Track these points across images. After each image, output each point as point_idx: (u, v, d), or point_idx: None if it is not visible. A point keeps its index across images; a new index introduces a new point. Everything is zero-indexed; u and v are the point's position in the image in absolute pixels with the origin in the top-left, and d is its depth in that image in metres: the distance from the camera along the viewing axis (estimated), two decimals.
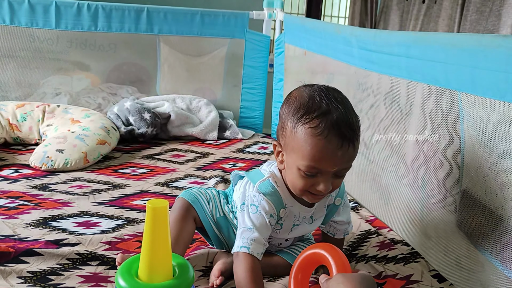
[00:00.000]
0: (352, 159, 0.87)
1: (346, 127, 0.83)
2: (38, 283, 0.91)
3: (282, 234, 0.98)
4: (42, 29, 2.02)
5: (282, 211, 0.93)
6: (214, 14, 2.22)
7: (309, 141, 0.83)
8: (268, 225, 0.91)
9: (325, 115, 0.83)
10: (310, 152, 0.83)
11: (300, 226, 0.98)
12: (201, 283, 0.96)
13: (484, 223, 0.92)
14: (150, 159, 1.77)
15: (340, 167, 0.85)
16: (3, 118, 1.80)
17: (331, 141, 0.82)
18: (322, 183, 0.85)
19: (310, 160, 0.83)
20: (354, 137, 0.84)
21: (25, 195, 1.35)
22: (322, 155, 0.83)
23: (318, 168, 0.84)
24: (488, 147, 0.89)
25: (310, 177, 0.85)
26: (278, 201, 0.93)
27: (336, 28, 1.59)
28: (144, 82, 2.27)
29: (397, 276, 1.03)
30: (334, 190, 0.90)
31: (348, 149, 0.83)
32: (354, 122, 0.86)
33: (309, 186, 0.87)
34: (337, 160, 0.83)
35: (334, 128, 0.82)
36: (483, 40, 0.88)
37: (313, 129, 0.83)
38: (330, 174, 0.85)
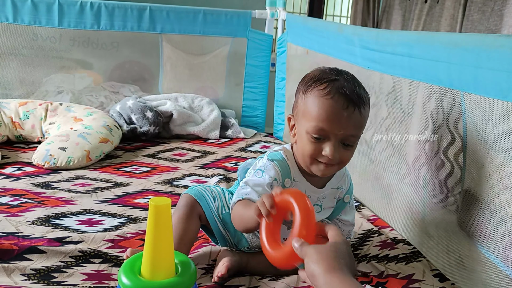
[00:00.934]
0: (359, 128, 0.89)
1: (353, 92, 0.87)
2: (42, 280, 0.92)
3: None
4: (45, 27, 2.02)
5: (287, 180, 0.94)
6: (216, 13, 2.22)
7: (317, 101, 0.88)
8: (269, 190, 0.91)
9: (333, 81, 0.89)
10: (317, 112, 0.87)
11: None
12: (203, 281, 0.96)
13: (486, 222, 0.92)
14: (153, 158, 1.77)
15: (346, 132, 0.87)
16: (6, 116, 1.81)
17: (338, 101, 0.86)
18: (328, 147, 0.87)
19: (317, 121, 0.87)
20: (360, 103, 0.88)
21: (28, 193, 1.35)
22: (328, 114, 0.86)
23: (325, 129, 0.87)
24: (490, 147, 0.89)
25: (317, 141, 0.88)
26: (286, 171, 0.95)
27: (338, 27, 1.59)
28: (147, 80, 2.27)
29: (399, 276, 1.03)
30: (342, 163, 0.91)
31: (354, 112, 0.87)
32: (362, 93, 0.90)
33: (316, 152, 0.89)
34: (343, 121, 0.86)
35: (341, 91, 0.87)
36: (486, 40, 0.88)
37: (321, 91, 0.88)
38: (337, 139, 0.88)
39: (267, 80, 2.35)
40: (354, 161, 1.50)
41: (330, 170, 0.93)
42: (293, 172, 0.96)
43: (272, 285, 0.95)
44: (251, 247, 1.04)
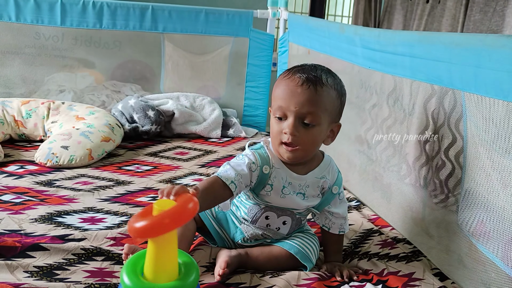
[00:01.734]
0: (315, 104, 0.93)
1: (310, 73, 0.94)
2: (44, 277, 0.92)
3: (274, 198, 1.00)
4: (48, 26, 2.03)
5: (266, 167, 0.98)
6: (218, 13, 2.23)
7: (278, 85, 0.97)
8: (246, 171, 0.95)
9: (297, 67, 0.98)
10: (278, 92, 0.96)
11: (291, 196, 1.00)
12: (205, 279, 0.97)
13: (486, 222, 0.92)
14: (154, 157, 1.78)
15: (301, 108, 0.92)
16: (9, 114, 1.82)
17: (293, 80, 0.94)
18: (286, 123, 0.93)
19: (277, 100, 0.95)
20: (316, 81, 0.93)
21: (30, 191, 1.36)
22: (284, 92, 0.94)
23: (282, 106, 0.93)
24: (491, 147, 0.90)
25: (280, 121, 0.95)
26: (264, 158, 1.00)
27: (340, 27, 1.60)
28: (148, 79, 2.28)
29: (399, 274, 1.04)
30: (306, 145, 0.95)
31: (309, 89, 0.93)
32: (322, 76, 0.95)
33: (279, 132, 0.95)
34: (296, 97, 0.92)
35: (298, 72, 0.95)
36: (487, 40, 0.88)
37: (283, 76, 0.97)
38: (295, 117, 0.93)
39: (268, 79, 2.36)
40: (355, 160, 1.51)
41: (296, 153, 0.96)
42: (273, 160, 1.00)
43: (272, 282, 0.96)
44: (246, 238, 1.06)
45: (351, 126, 1.54)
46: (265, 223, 1.04)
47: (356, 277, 1.01)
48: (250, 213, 1.04)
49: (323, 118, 0.94)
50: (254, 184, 0.99)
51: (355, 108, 1.51)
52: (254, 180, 0.98)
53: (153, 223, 0.67)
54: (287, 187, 1.00)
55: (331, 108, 0.96)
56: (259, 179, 0.98)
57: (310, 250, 1.04)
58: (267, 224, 1.04)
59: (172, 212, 0.69)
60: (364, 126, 1.45)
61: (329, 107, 0.95)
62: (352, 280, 1.00)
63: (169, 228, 0.68)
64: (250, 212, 1.04)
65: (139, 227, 0.67)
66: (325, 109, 0.94)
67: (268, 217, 1.03)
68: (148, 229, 0.67)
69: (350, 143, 1.55)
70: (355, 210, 1.38)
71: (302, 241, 1.05)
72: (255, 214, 1.03)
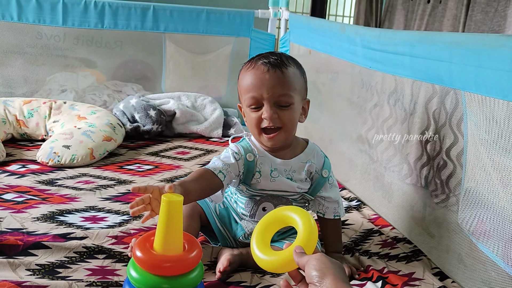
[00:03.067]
0: (285, 86, 0.97)
1: (271, 58, 0.98)
2: (46, 275, 0.93)
3: (264, 183, 1.03)
4: (49, 26, 2.04)
5: (250, 155, 1.02)
6: (219, 13, 2.23)
7: (244, 76, 0.99)
8: (233, 161, 1.00)
9: (255, 57, 1.01)
10: (246, 84, 0.98)
11: (280, 179, 1.03)
12: (207, 277, 0.97)
13: (486, 221, 0.93)
14: (155, 156, 1.78)
15: (274, 92, 0.96)
16: (11, 114, 1.82)
17: (258, 68, 0.97)
18: (265, 111, 0.96)
19: (248, 91, 0.98)
20: (281, 65, 0.97)
21: (32, 189, 1.36)
22: (253, 82, 0.97)
23: (256, 96, 0.97)
24: (492, 146, 0.90)
25: (256, 109, 0.98)
26: (247, 148, 1.04)
27: (341, 27, 1.60)
28: (150, 79, 2.29)
29: (399, 273, 1.04)
30: (286, 126, 0.98)
31: (275, 73, 0.96)
32: (283, 59, 0.99)
33: (259, 120, 0.98)
34: (266, 83, 0.96)
35: (259, 60, 0.99)
36: (488, 39, 0.89)
37: (245, 67, 1.00)
38: (270, 102, 0.96)
39: None
40: (356, 160, 1.52)
41: (278, 137, 0.99)
42: (256, 150, 1.04)
43: (273, 282, 0.96)
44: (247, 234, 1.06)
45: (352, 126, 1.54)
46: (263, 215, 1.03)
47: (358, 275, 1.01)
48: (247, 207, 1.05)
49: (295, 97, 0.99)
50: (243, 174, 1.02)
51: (356, 108, 1.52)
52: (242, 169, 1.02)
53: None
54: (275, 171, 1.03)
55: (299, 87, 1.01)
56: (246, 167, 1.02)
57: None
58: (265, 209, 1.05)
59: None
60: (365, 126, 1.46)
61: (298, 86, 1.00)
62: (354, 278, 1.00)
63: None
64: (247, 207, 1.05)
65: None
66: (295, 88, 0.99)
67: (265, 208, 1.04)
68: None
69: (352, 143, 1.55)
70: (356, 210, 1.39)
71: None
72: (252, 208, 1.05)
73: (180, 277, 0.79)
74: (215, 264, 1.02)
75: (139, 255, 0.78)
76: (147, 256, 0.77)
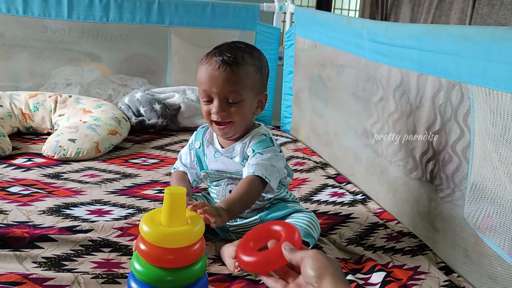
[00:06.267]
0: (234, 85, 1.00)
1: (226, 55, 1.00)
2: (52, 268, 0.93)
3: (210, 163, 1.10)
4: (55, 19, 2.04)
5: (197, 143, 1.12)
6: (225, 6, 2.22)
7: (199, 70, 1.03)
8: (189, 155, 1.14)
9: (214, 50, 1.03)
10: (199, 77, 1.02)
11: (222, 158, 1.09)
12: (211, 271, 0.98)
13: (492, 216, 0.92)
14: (161, 150, 1.79)
15: (223, 89, 0.99)
16: (16, 107, 1.83)
17: (211, 64, 1.01)
18: (213, 105, 1.01)
19: (200, 84, 1.02)
20: (232, 63, 0.99)
21: (38, 183, 1.37)
22: (205, 76, 1.01)
23: (206, 90, 1.01)
24: (499, 140, 0.89)
25: (207, 103, 1.03)
26: (200, 135, 1.13)
27: (347, 20, 1.59)
28: (155, 73, 2.29)
29: (405, 267, 1.04)
30: (235, 120, 1.02)
31: (225, 71, 0.99)
32: (238, 55, 1.01)
33: (208, 113, 1.03)
34: (215, 79, 0.99)
35: (214, 55, 1.01)
36: (496, 32, 0.88)
37: (203, 61, 1.03)
38: (219, 98, 1.00)
39: (274, 73, 2.35)
40: (361, 154, 1.51)
41: (228, 129, 1.04)
42: (209, 136, 1.11)
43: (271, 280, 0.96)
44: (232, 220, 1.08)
45: (358, 120, 1.53)
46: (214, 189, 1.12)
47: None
48: (219, 195, 1.11)
49: (245, 94, 1.02)
50: (197, 161, 1.12)
51: (361, 102, 1.51)
52: (194, 157, 1.13)
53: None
54: (217, 153, 1.09)
55: (252, 84, 1.03)
56: (195, 154, 1.13)
57: (309, 226, 1.05)
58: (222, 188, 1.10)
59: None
60: (370, 120, 1.45)
61: (249, 83, 1.02)
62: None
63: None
64: (218, 195, 1.11)
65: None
66: (245, 86, 1.01)
67: (232, 191, 1.08)
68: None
69: (357, 137, 1.55)
70: (361, 203, 1.38)
71: (299, 219, 1.07)
72: (222, 194, 1.10)
73: (184, 269, 0.79)
74: (219, 258, 1.03)
75: (142, 247, 0.78)
76: (150, 249, 0.77)
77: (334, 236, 1.17)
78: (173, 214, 0.78)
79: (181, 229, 0.79)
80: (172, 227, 0.78)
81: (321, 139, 1.85)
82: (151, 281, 0.78)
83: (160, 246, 0.77)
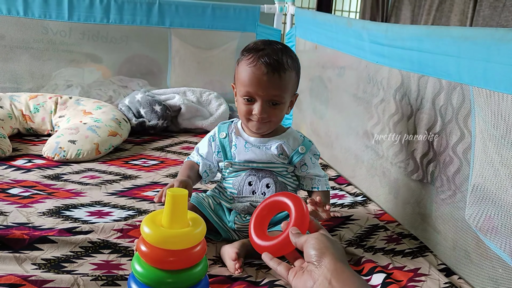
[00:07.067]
0: (280, 89, 1.05)
1: (273, 59, 1.03)
2: (52, 269, 0.93)
3: (240, 153, 1.11)
4: (55, 21, 2.04)
5: (222, 133, 1.15)
6: (225, 8, 2.23)
7: (244, 70, 1.05)
8: (209, 147, 1.16)
9: (258, 51, 1.05)
10: (245, 78, 1.04)
11: (254, 149, 1.11)
12: (212, 272, 0.97)
13: (494, 217, 0.92)
14: (161, 151, 1.79)
15: (268, 93, 1.04)
16: (17, 109, 1.83)
17: (259, 68, 1.03)
18: (256, 107, 1.05)
19: (245, 86, 1.05)
20: (280, 68, 1.03)
21: (38, 184, 1.37)
22: (252, 80, 1.03)
23: (251, 92, 1.04)
24: (500, 142, 0.89)
25: (248, 102, 1.06)
26: (224, 127, 1.16)
27: (347, 22, 1.59)
28: (155, 74, 2.29)
29: (405, 269, 1.03)
30: (273, 120, 1.08)
31: (273, 76, 1.03)
32: (283, 60, 1.04)
33: (248, 112, 1.07)
34: (263, 84, 1.03)
35: (262, 59, 1.03)
36: (497, 34, 0.87)
37: (247, 61, 1.05)
38: (263, 100, 1.04)
39: None
40: (362, 156, 1.51)
41: (265, 126, 1.08)
42: (236, 129, 1.14)
43: (278, 277, 0.96)
44: (240, 217, 1.10)
45: (359, 122, 1.53)
46: (250, 190, 1.11)
47: (340, 214, 1.10)
48: (235, 185, 1.12)
49: (285, 97, 1.07)
50: (220, 152, 1.14)
51: (362, 103, 1.51)
52: (216, 149, 1.15)
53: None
54: (248, 144, 1.12)
55: (292, 87, 1.09)
56: (220, 145, 1.14)
57: None
58: (253, 191, 1.10)
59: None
60: (371, 121, 1.45)
61: (290, 87, 1.08)
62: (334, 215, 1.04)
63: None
64: (234, 185, 1.12)
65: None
66: (287, 89, 1.07)
67: (251, 182, 1.10)
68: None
69: (358, 139, 1.54)
70: (361, 205, 1.38)
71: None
72: (239, 184, 1.11)
73: (185, 271, 0.79)
74: (220, 259, 1.02)
75: (143, 249, 0.78)
76: (151, 250, 0.77)
77: (334, 238, 1.17)
78: (174, 216, 0.78)
79: (182, 231, 0.78)
80: (174, 228, 0.78)
81: (322, 140, 1.85)
82: (152, 282, 0.77)
83: (161, 247, 0.77)
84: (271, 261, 0.80)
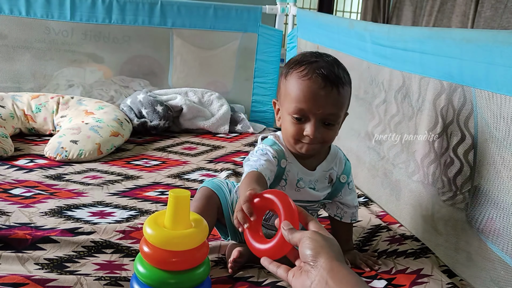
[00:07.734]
0: (338, 107, 0.91)
1: (330, 72, 0.90)
2: (55, 269, 0.93)
3: (289, 192, 0.97)
4: (57, 21, 2.04)
5: (283, 161, 0.97)
6: (227, 8, 2.23)
7: (296, 83, 0.91)
8: (273, 161, 0.94)
9: (311, 63, 0.92)
10: (296, 93, 0.90)
11: (305, 189, 0.99)
12: (214, 273, 0.97)
13: (495, 219, 0.92)
14: (162, 152, 1.79)
15: (325, 110, 0.90)
16: (19, 108, 1.83)
17: (315, 81, 0.89)
18: (309, 127, 0.90)
19: (297, 102, 0.90)
20: (338, 82, 0.90)
21: (40, 184, 1.37)
22: (306, 94, 0.89)
23: (304, 109, 0.90)
24: (502, 144, 0.89)
25: (299, 121, 0.91)
26: (280, 151, 0.97)
27: (349, 23, 1.59)
28: (157, 75, 2.29)
29: (407, 271, 1.04)
30: (325, 142, 0.94)
31: (332, 91, 0.89)
32: (341, 73, 0.92)
33: (299, 133, 0.92)
34: (320, 100, 0.89)
35: (318, 71, 0.90)
36: (499, 36, 0.88)
37: (299, 73, 0.91)
38: (317, 119, 0.90)
39: (276, 75, 2.35)
40: (364, 157, 1.51)
41: (314, 147, 0.94)
42: (286, 154, 0.98)
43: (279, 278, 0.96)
44: None
45: (360, 123, 1.53)
46: (276, 222, 1.02)
47: (378, 266, 1.03)
48: None
49: (342, 116, 0.95)
50: (272, 178, 0.96)
51: (364, 104, 1.51)
52: (274, 172, 0.96)
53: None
54: (300, 181, 0.99)
55: (347, 104, 0.97)
56: (277, 173, 0.97)
57: None
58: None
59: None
60: (372, 122, 1.45)
61: (347, 103, 0.96)
62: (371, 268, 1.03)
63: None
64: None
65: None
66: (344, 107, 0.95)
67: None
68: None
69: (359, 140, 1.54)
70: (364, 206, 1.38)
71: None
72: (268, 212, 0.99)
73: (187, 272, 0.79)
74: (222, 260, 1.02)
75: (146, 250, 0.78)
76: (154, 251, 0.77)
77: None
78: (177, 217, 0.79)
79: (185, 232, 0.79)
80: (176, 229, 0.79)
81: None
82: (155, 283, 0.78)
83: (164, 248, 0.77)
84: (271, 265, 0.79)
